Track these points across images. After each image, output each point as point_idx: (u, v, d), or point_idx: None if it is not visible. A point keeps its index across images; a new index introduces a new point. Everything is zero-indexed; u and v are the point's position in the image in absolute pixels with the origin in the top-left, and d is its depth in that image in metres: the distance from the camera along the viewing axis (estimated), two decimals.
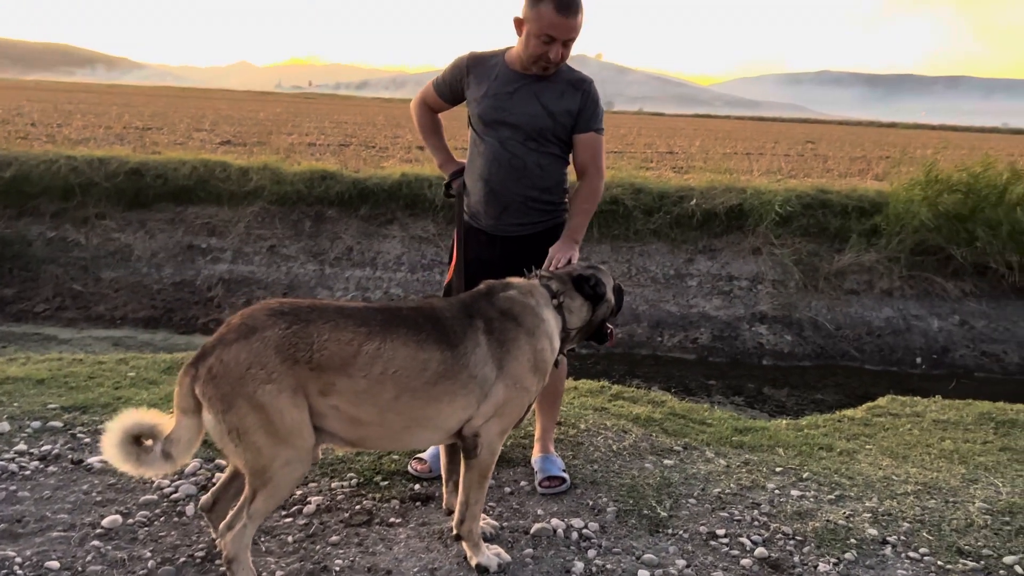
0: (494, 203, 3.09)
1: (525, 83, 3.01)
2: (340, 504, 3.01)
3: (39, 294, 9.02)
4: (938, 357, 8.86)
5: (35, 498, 2.90)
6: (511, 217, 3.09)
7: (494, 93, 3.04)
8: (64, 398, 3.84)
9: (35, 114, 22.05)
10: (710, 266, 9.71)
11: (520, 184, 3.05)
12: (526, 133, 3.02)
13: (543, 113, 3.00)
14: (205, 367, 2.20)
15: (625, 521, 3.02)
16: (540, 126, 3.01)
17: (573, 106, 3.02)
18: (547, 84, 3.01)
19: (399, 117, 35.91)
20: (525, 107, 3.00)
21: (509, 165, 3.04)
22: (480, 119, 3.08)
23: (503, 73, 3.05)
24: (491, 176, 3.07)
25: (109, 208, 10.01)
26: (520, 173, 3.04)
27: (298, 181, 10.28)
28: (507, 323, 2.54)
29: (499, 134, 3.04)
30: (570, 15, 2.85)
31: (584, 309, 2.79)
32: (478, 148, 3.12)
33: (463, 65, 3.14)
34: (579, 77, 3.06)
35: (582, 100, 3.03)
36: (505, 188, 3.06)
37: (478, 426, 2.50)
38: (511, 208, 3.08)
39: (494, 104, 3.03)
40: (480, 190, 3.11)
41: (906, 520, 3.17)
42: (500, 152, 3.04)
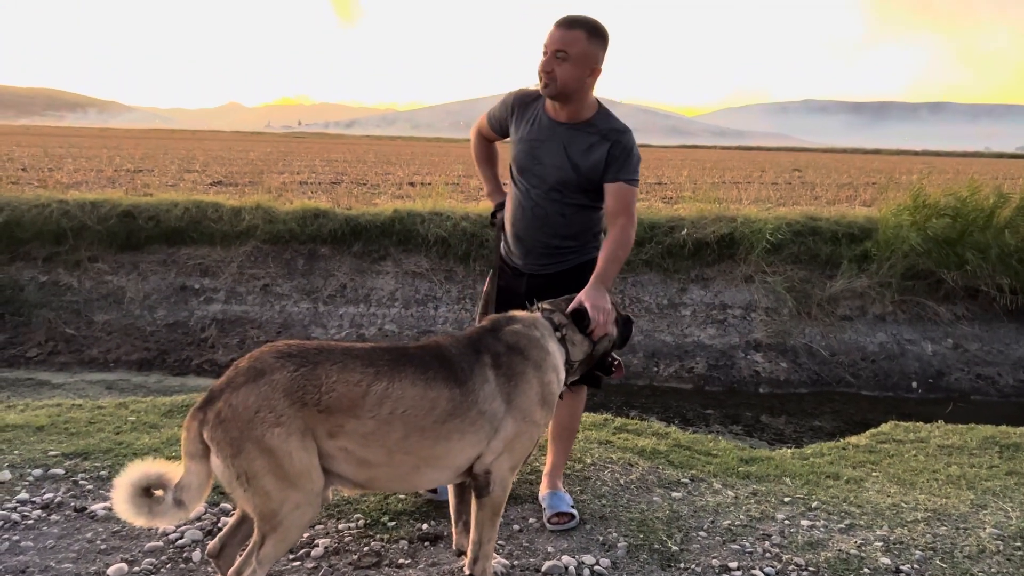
0: (518, 246, 3.17)
1: (556, 132, 3.02)
2: (348, 546, 2.97)
3: (31, 339, 8.94)
4: (933, 381, 8.88)
5: (39, 548, 2.85)
6: (534, 259, 3.16)
7: (528, 139, 3.08)
8: (65, 445, 3.79)
9: (26, 159, 22.09)
10: (703, 295, 9.74)
11: (542, 232, 3.10)
12: (551, 184, 3.04)
13: (568, 166, 3.00)
14: (213, 411, 2.19)
15: (636, 556, 3.00)
16: (564, 179, 3.02)
17: (600, 158, 2.97)
18: (578, 134, 3.00)
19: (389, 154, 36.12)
20: (552, 158, 3.01)
21: (532, 214, 3.09)
22: (514, 161, 3.14)
23: (540, 119, 3.07)
24: (516, 223, 3.15)
25: (101, 251, 9.97)
26: (542, 222, 3.08)
27: (290, 220, 10.28)
28: (514, 357, 2.54)
29: (526, 182, 3.10)
30: (561, 27, 2.88)
31: (585, 343, 2.79)
32: (511, 191, 3.20)
33: (510, 103, 3.20)
34: (612, 127, 3.01)
35: (610, 151, 2.97)
36: (528, 235, 3.12)
37: (489, 463, 2.49)
38: (533, 253, 3.15)
39: (524, 150, 3.08)
40: (510, 231, 3.20)
41: (918, 548, 3.15)
42: (525, 200, 3.10)
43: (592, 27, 2.89)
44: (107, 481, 3.42)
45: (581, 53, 2.86)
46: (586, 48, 2.87)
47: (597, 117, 3.03)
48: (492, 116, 3.30)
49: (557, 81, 2.89)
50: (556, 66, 2.87)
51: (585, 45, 2.87)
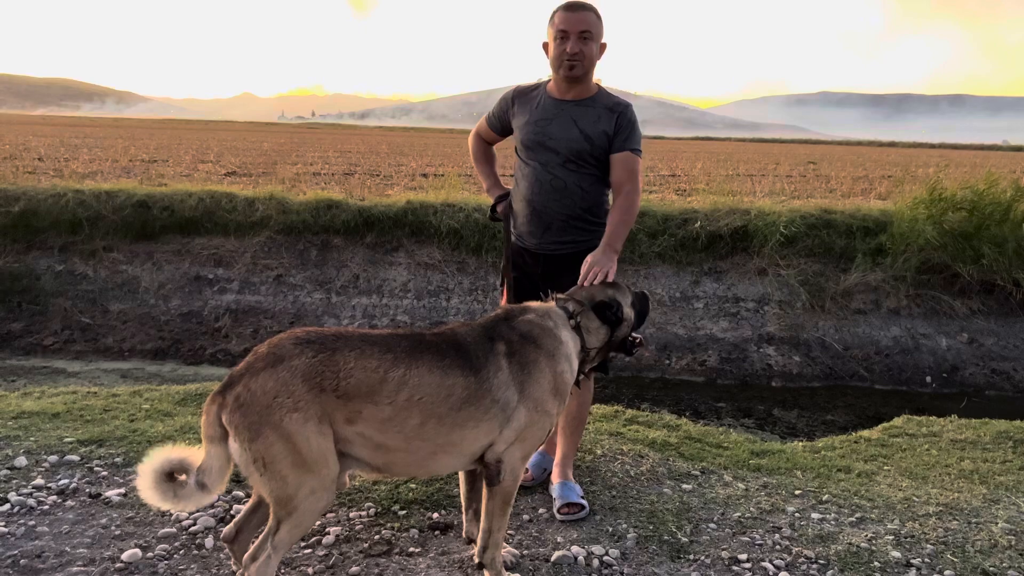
0: (538, 223, 3.23)
1: (563, 109, 3.19)
2: (359, 534, 2.99)
3: (48, 327, 9.04)
4: (948, 376, 8.82)
5: (54, 533, 2.89)
6: (553, 235, 3.22)
7: (536, 120, 3.22)
8: (80, 431, 3.83)
9: (42, 149, 22.25)
10: (716, 288, 9.70)
11: (562, 204, 3.19)
12: (565, 156, 3.16)
13: (580, 137, 3.15)
14: (232, 395, 2.21)
15: (646, 547, 3.00)
16: (578, 149, 3.16)
17: (609, 128, 3.16)
18: (585, 109, 3.18)
19: (402, 145, 36.14)
20: (564, 132, 3.16)
21: (551, 186, 3.19)
22: (524, 144, 3.26)
23: (545, 101, 3.24)
24: (534, 197, 3.22)
25: (116, 240, 10.05)
26: (561, 193, 3.19)
27: (304, 210, 10.32)
28: (527, 346, 2.54)
29: (541, 157, 3.20)
30: (577, 10, 3.05)
31: (602, 331, 2.80)
32: (523, 172, 3.29)
33: (509, 98, 3.37)
34: (616, 101, 3.22)
35: (617, 122, 3.16)
36: (548, 208, 3.21)
37: (500, 452, 2.50)
38: (553, 227, 3.22)
39: (535, 130, 3.21)
40: (525, 211, 3.27)
41: (929, 542, 3.14)
42: (543, 174, 3.20)
43: (595, 9, 3.09)
44: (121, 468, 3.46)
45: (597, 30, 3.09)
46: (598, 25, 3.10)
47: (599, 94, 3.22)
48: (492, 116, 3.46)
49: (584, 60, 3.08)
50: (583, 46, 3.05)
51: (598, 23, 3.09)
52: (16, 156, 18.82)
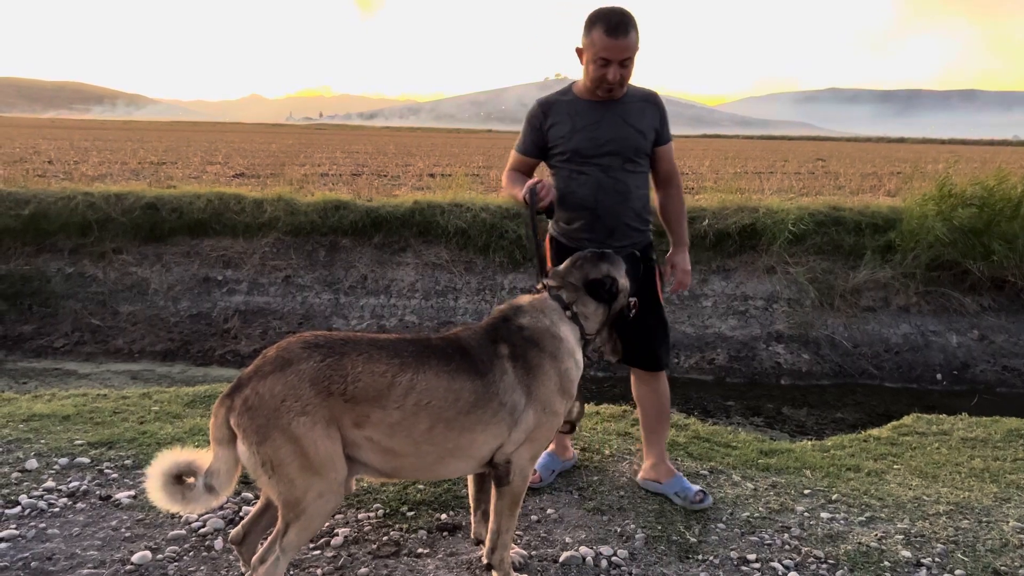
0: (601, 228, 3.19)
1: (606, 110, 3.14)
2: (368, 535, 3.00)
3: (58, 329, 9.09)
4: (958, 373, 8.77)
5: (64, 535, 2.91)
6: (616, 240, 3.19)
7: (583, 126, 3.14)
8: (90, 434, 3.86)
9: (52, 152, 22.38)
10: (724, 286, 9.68)
11: (624, 207, 3.19)
12: (625, 157, 3.16)
13: (634, 133, 3.15)
14: (241, 398, 2.22)
15: (654, 547, 3.00)
16: (635, 146, 3.16)
17: (655, 121, 3.20)
18: (626, 105, 3.15)
19: (409, 145, 36.19)
20: (618, 132, 3.13)
21: (614, 191, 3.16)
22: (579, 153, 3.15)
23: (580, 106, 3.17)
24: (598, 203, 3.17)
25: (126, 243, 10.10)
26: (624, 196, 3.18)
27: (312, 211, 10.35)
28: (530, 349, 2.53)
29: (601, 162, 3.15)
30: (619, 36, 2.95)
31: (600, 311, 2.75)
32: (577, 180, 3.18)
33: (538, 113, 3.24)
34: (646, 92, 3.22)
35: (659, 113, 3.22)
36: (611, 213, 3.18)
37: (509, 452, 2.50)
38: (617, 231, 3.20)
39: (588, 136, 3.13)
40: (585, 217, 3.20)
41: (939, 541, 3.13)
42: (604, 179, 3.15)
43: (634, 23, 2.99)
44: (131, 470, 3.48)
45: (636, 50, 3.02)
46: (638, 43, 3.02)
47: (629, 88, 3.17)
48: (523, 144, 3.31)
49: (623, 83, 3.07)
50: (623, 72, 3.02)
51: (637, 41, 3.01)
52: (26, 159, 18.94)
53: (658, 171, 3.32)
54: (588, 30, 3.00)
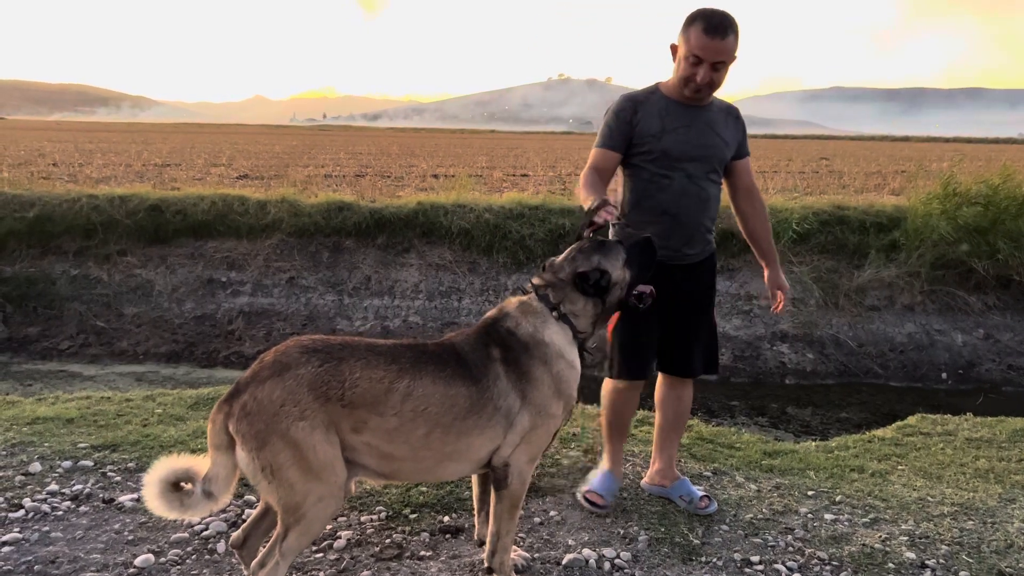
0: (679, 235, 3.10)
1: (695, 115, 3.06)
2: (370, 538, 3.00)
3: (63, 331, 9.11)
4: (964, 372, 8.74)
5: (68, 538, 2.91)
6: (691, 248, 3.15)
7: (673, 128, 3.05)
8: (94, 437, 3.86)
9: (57, 154, 22.45)
10: (728, 286, 9.66)
11: (704, 215, 3.14)
12: (710, 165, 3.09)
13: (721, 143, 3.10)
14: (239, 404, 2.22)
15: (658, 549, 2.99)
16: (720, 156, 3.11)
17: (737, 134, 3.16)
18: (713, 114, 3.09)
19: (413, 146, 36.20)
20: (706, 139, 3.06)
21: (697, 197, 3.09)
22: (666, 155, 3.04)
23: (669, 107, 3.07)
24: (680, 210, 3.08)
25: (130, 245, 10.13)
26: (704, 204, 3.12)
27: (315, 213, 10.37)
28: (520, 355, 2.50)
29: (688, 168, 3.06)
30: (717, 36, 2.85)
31: (589, 307, 2.61)
32: (658, 184, 3.08)
33: (627, 108, 3.10)
34: (726, 104, 3.18)
35: (740, 127, 3.19)
36: (692, 219, 3.11)
37: (507, 455, 2.49)
38: (694, 238, 3.14)
39: (677, 139, 3.04)
40: (665, 223, 3.06)
41: (944, 543, 3.11)
42: (689, 186, 3.07)
43: (736, 27, 2.89)
44: (135, 473, 3.49)
45: (733, 55, 2.93)
46: (735, 48, 2.92)
47: (712, 98, 3.11)
48: (610, 137, 3.10)
49: (714, 87, 2.98)
50: (714, 75, 2.92)
51: (735, 46, 2.91)
52: (31, 162, 19.00)
53: (738, 185, 3.25)
54: (686, 27, 2.89)
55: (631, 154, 3.11)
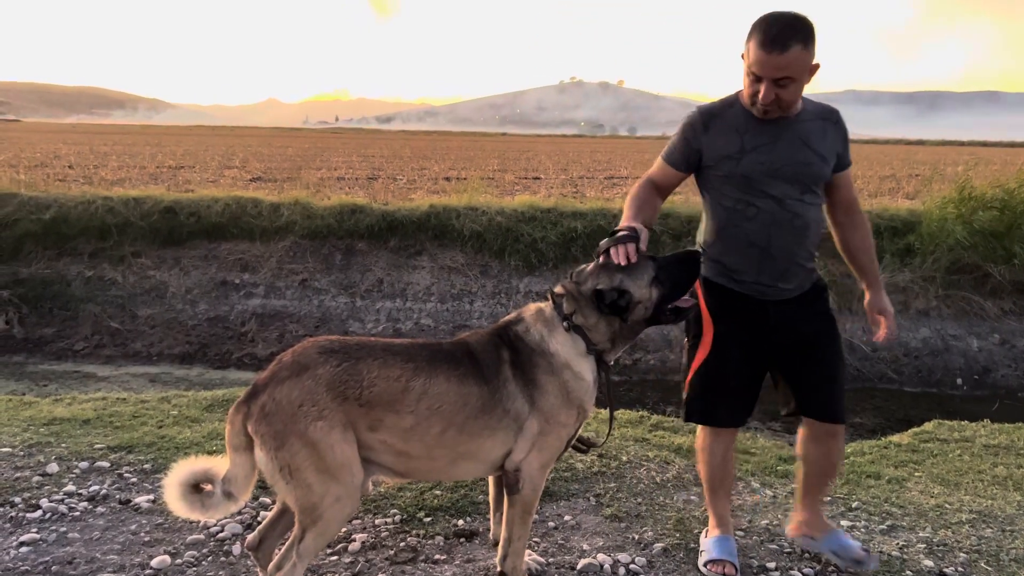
0: (771, 270, 2.69)
1: (783, 128, 2.61)
2: (385, 541, 3.00)
3: (78, 332, 9.18)
4: (979, 377, 8.67)
5: (84, 539, 2.92)
6: (788, 282, 2.72)
7: (754, 147, 2.62)
8: (110, 438, 3.88)
9: (72, 156, 22.64)
10: None
11: (801, 246, 2.69)
12: (803, 186, 2.63)
13: (816, 159, 2.63)
14: (257, 405, 2.23)
15: (673, 555, 2.97)
16: (816, 174, 2.64)
17: (838, 144, 2.68)
18: (806, 124, 2.64)
19: (425, 149, 36.27)
20: (797, 156, 2.61)
21: (791, 226, 2.64)
22: (746, 178, 2.63)
23: (750, 121, 2.63)
24: (771, 242, 2.65)
25: (145, 246, 10.21)
26: (802, 233, 2.67)
27: (328, 215, 10.41)
28: (526, 360, 2.49)
29: (775, 192, 2.62)
30: (774, 50, 2.42)
31: (603, 323, 2.51)
32: (743, 212, 2.66)
33: (697, 123, 2.70)
34: (828, 109, 2.70)
35: (841, 134, 2.70)
36: (787, 252, 2.67)
37: (519, 461, 2.48)
38: (790, 273, 2.71)
39: (760, 160, 2.61)
40: (753, 256, 2.68)
41: (963, 551, 3.08)
42: (779, 213, 2.63)
43: (804, 34, 2.45)
44: (151, 474, 3.50)
45: (803, 67, 2.47)
46: (806, 59, 2.46)
47: (805, 103, 2.66)
48: (673, 151, 2.76)
49: (782, 105, 2.54)
50: (779, 92, 2.50)
51: (805, 57, 2.46)
52: (47, 164, 19.17)
53: (837, 199, 2.79)
54: (747, 38, 2.51)
55: (707, 176, 2.73)
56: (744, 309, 2.74)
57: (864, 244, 2.88)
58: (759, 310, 2.73)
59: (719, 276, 2.78)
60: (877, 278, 2.92)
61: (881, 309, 2.91)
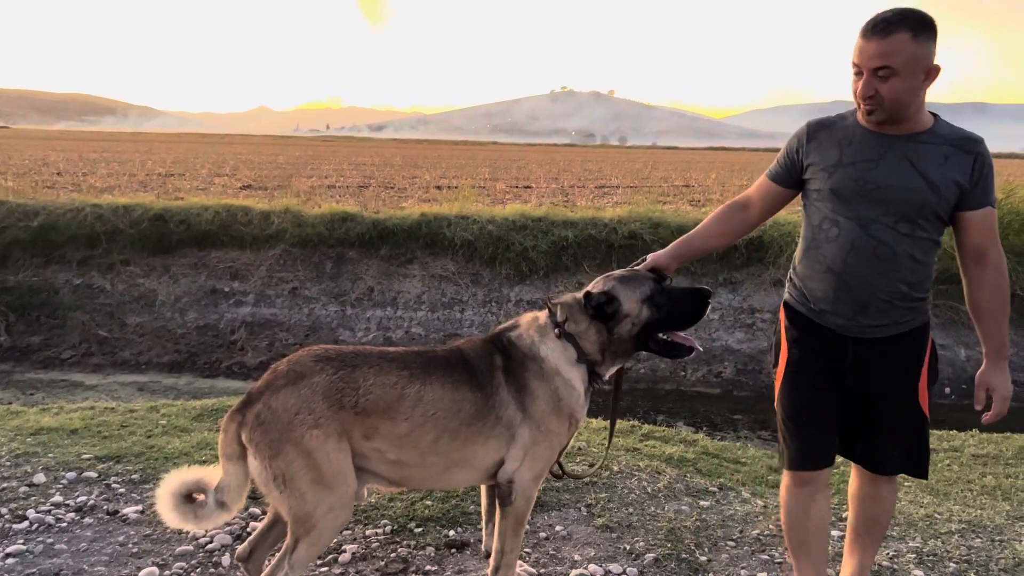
0: (848, 301, 2.40)
1: (891, 146, 2.33)
2: (375, 552, 2.98)
3: (66, 341, 9.12)
4: (967, 387, 8.71)
5: (72, 551, 2.90)
6: (870, 318, 2.40)
7: (852, 161, 2.36)
8: (98, 448, 3.85)
9: (61, 163, 22.53)
10: (731, 299, 9.66)
11: (886, 279, 2.36)
12: (899, 212, 2.31)
13: (924, 186, 2.29)
14: (252, 413, 2.23)
15: (664, 566, 2.97)
16: (919, 202, 2.30)
17: (962, 175, 2.29)
18: (924, 146, 2.32)
19: (416, 157, 36.30)
20: (898, 177, 2.31)
21: (873, 255, 2.34)
22: (834, 194, 2.38)
23: (861, 135, 2.38)
24: (847, 268, 2.37)
25: (134, 254, 10.15)
26: (887, 265, 2.34)
27: (319, 223, 10.39)
28: (517, 366, 2.50)
29: (861, 214, 2.35)
30: (875, 36, 2.21)
31: (592, 330, 2.50)
32: (826, 232, 2.42)
33: (803, 133, 2.51)
34: (966, 136, 2.35)
35: (974, 167, 2.30)
36: (866, 283, 2.37)
37: (512, 472, 2.47)
38: (872, 307, 2.39)
39: (854, 175, 2.35)
40: (829, 283, 2.42)
41: (952, 560, 3.09)
42: (861, 238, 2.35)
43: (915, 23, 2.20)
44: (139, 484, 3.47)
45: (909, 60, 2.19)
46: (914, 51, 2.19)
47: (939, 126, 2.36)
48: (774, 167, 2.61)
49: (885, 103, 2.26)
50: (879, 86, 2.23)
51: (912, 48, 2.19)
52: (35, 171, 19.07)
53: (963, 243, 2.39)
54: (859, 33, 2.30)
55: (805, 191, 2.53)
56: (822, 339, 2.48)
57: (990, 304, 2.42)
58: (839, 344, 2.45)
59: (799, 303, 2.54)
60: (999, 348, 2.43)
61: (990, 383, 2.45)
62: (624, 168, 32.44)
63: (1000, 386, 2.42)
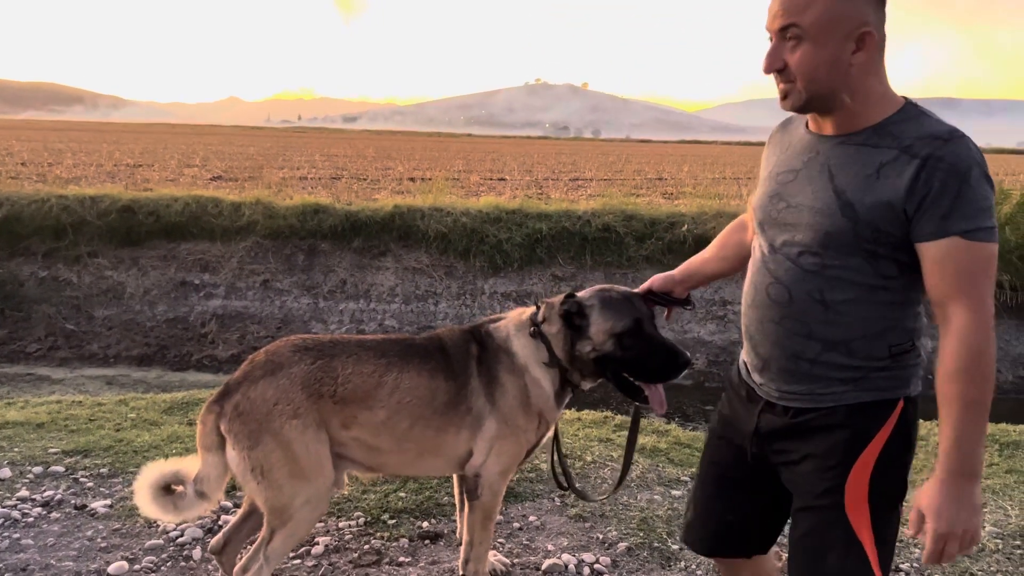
0: (752, 354, 1.84)
1: (821, 150, 1.71)
2: (348, 544, 2.98)
3: (31, 334, 8.96)
4: (933, 378, 8.88)
5: (39, 546, 2.85)
6: (777, 380, 1.78)
7: (777, 172, 1.81)
8: (65, 442, 3.79)
9: (25, 153, 22.08)
10: (704, 291, 9.73)
11: (783, 329, 1.73)
12: (802, 244, 1.69)
13: (835, 206, 1.64)
14: (231, 404, 2.23)
15: (637, 555, 3.00)
16: (828, 231, 1.64)
17: (894, 191, 1.57)
18: (856, 149, 1.65)
19: (389, 149, 36.07)
20: (809, 195, 1.69)
21: (768, 296, 1.75)
22: (755, 214, 1.85)
23: (799, 138, 1.80)
24: (746, 309, 1.84)
25: (101, 246, 9.99)
26: (782, 311, 1.73)
27: (290, 215, 10.30)
28: (491, 357, 2.50)
29: (770, 241, 1.78)
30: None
31: (560, 337, 2.42)
32: (750, 266, 1.88)
33: (771, 135, 1.97)
34: (926, 133, 1.58)
35: (917, 179, 1.54)
36: (763, 333, 1.78)
37: (478, 465, 2.47)
38: (773, 366, 1.78)
39: (770, 191, 1.80)
40: (743, 324, 1.88)
41: (918, 547, 3.15)
42: (759, 272, 1.80)
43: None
44: (107, 479, 3.43)
45: (824, 17, 1.57)
46: (832, 5, 1.57)
47: (895, 120, 1.63)
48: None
49: (796, 80, 1.64)
50: (788, 56, 1.63)
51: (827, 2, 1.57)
52: None
53: (929, 289, 1.62)
54: None
55: None
56: (739, 400, 1.92)
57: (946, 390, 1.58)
58: (747, 404, 1.88)
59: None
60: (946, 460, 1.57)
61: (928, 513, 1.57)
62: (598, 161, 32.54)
63: (938, 516, 1.54)
